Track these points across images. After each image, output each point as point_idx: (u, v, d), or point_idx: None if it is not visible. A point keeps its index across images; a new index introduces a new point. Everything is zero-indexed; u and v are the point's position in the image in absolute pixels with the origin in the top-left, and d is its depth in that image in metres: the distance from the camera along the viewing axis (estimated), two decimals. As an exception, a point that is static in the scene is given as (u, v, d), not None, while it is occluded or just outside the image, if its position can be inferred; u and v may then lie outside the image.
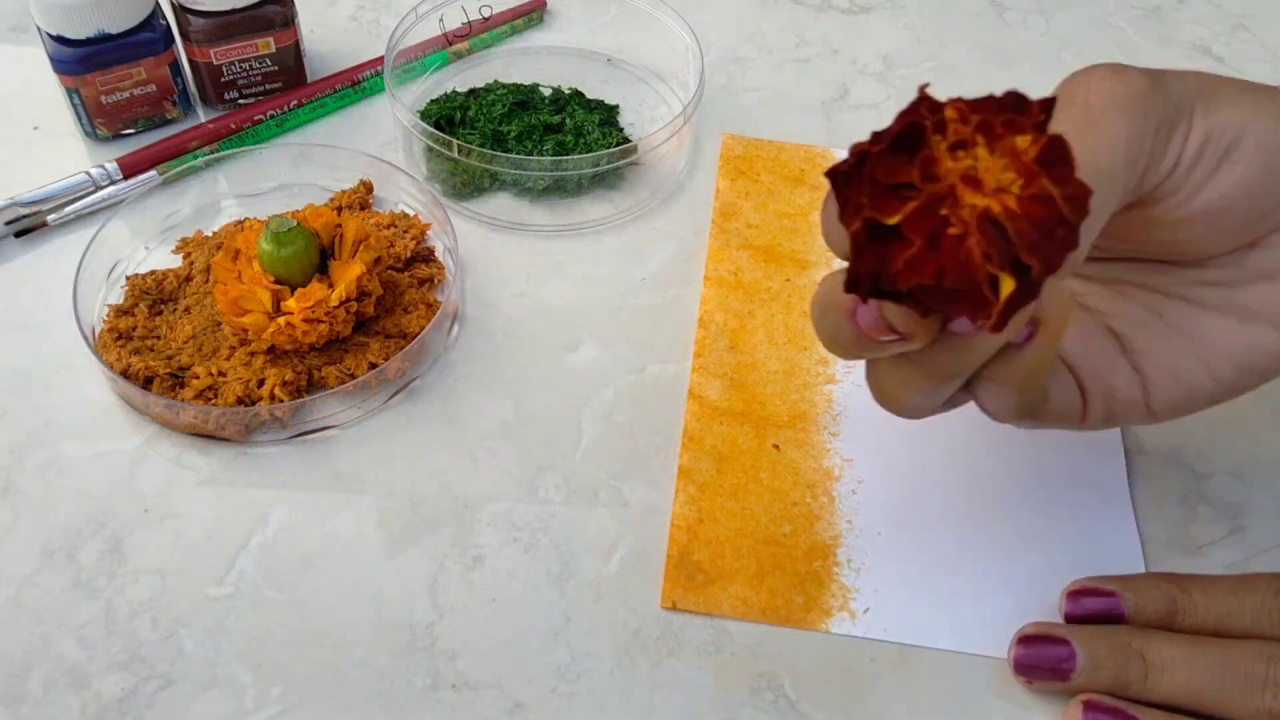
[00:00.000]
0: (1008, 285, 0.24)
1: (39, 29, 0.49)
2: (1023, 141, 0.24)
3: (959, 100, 0.25)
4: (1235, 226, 0.32)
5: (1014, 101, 0.24)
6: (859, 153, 0.25)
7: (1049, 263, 0.24)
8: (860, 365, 0.43)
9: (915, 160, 0.24)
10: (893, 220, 0.24)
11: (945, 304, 0.25)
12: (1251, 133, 0.31)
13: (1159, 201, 0.31)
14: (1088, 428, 0.35)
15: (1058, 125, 0.29)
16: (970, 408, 0.34)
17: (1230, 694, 0.33)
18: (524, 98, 0.54)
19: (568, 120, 0.52)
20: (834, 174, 0.25)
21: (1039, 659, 0.35)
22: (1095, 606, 0.36)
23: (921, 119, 0.25)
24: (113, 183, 0.50)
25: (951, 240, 0.24)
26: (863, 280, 0.25)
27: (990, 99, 0.25)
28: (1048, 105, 0.25)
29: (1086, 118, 0.30)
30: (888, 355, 0.30)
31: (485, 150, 0.48)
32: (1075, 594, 0.36)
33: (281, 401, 0.41)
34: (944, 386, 0.31)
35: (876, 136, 0.25)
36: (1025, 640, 0.35)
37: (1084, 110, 0.30)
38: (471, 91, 0.54)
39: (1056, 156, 0.24)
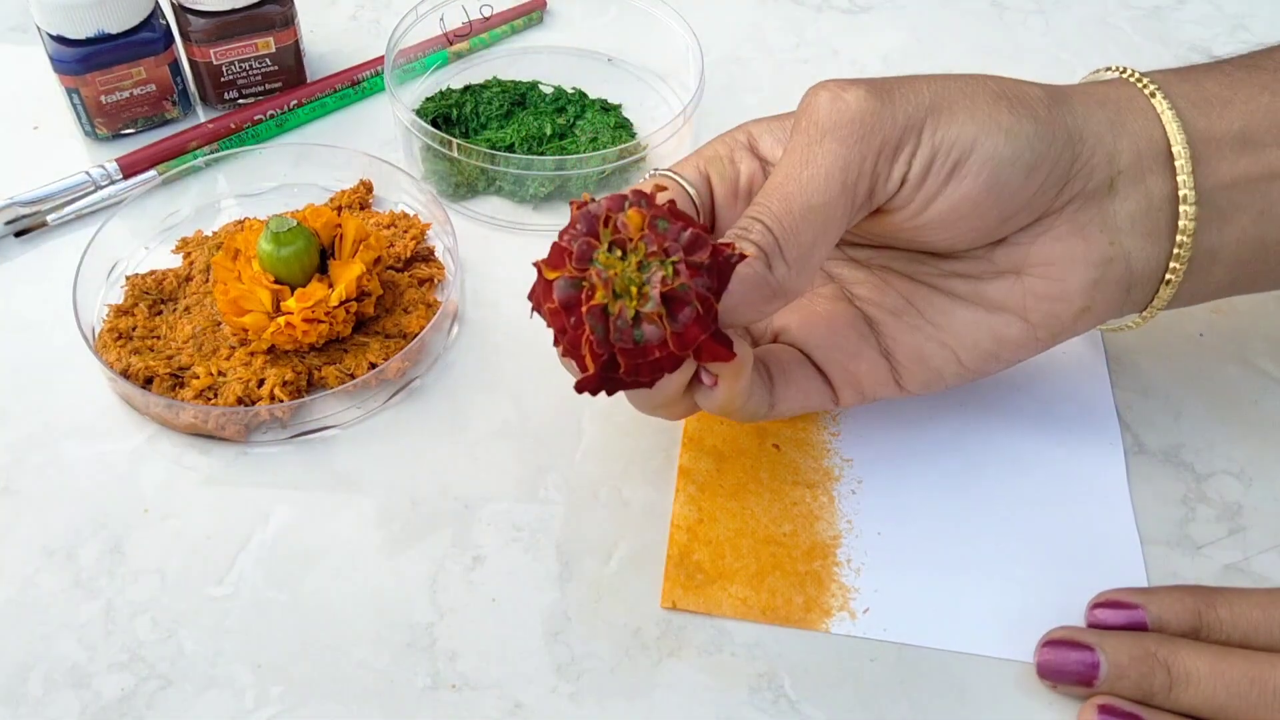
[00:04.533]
0: (590, 367, 0.30)
1: (39, 29, 0.49)
2: (666, 274, 0.29)
3: (658, 210, 0.30)
4: (971, 231, 0.35)
5: (691, 240, 0.29)
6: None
7: (638, 374, 0.30)
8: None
9: (582, 238, 0.29)
10: (550, 275, 0.30)
11: (570, 347, 0.30)
12: (979, 149, 0.33)
13: (893, 212, 0.35)
14: (845, 406, 0.39)
15: (789, 148, 0.33)
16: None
17: (1256, 710, 0.32)
18: (520, 95, 0.54)
19: (583, 124, 0.52)
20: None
21: (1063, 664, 0.35)
22: (1118, 620, 0.35)
23: (611, 210, 0.30)
24: (112, 182, 0.50)
25: (579, 315, 0.29)
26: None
27: (676, 227, 0.29)
28: (723, 262, 0.30)
29: (804, 151, 0.33)
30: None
31: (486, 150, 0.48)
32: (1098, 606, 0.36)
33: (281, 401, 0.41)
34: (657, 411, 0.36)
35: (578, 206, 0.30)
36: (1050, 644, 0.35)
37: (804, 140, 0.33)
38: (467, 88, 0.54)
39: (681, 309, 0.29)
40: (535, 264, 0.30)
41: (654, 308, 0.29)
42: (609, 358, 0.30)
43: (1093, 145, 0.35)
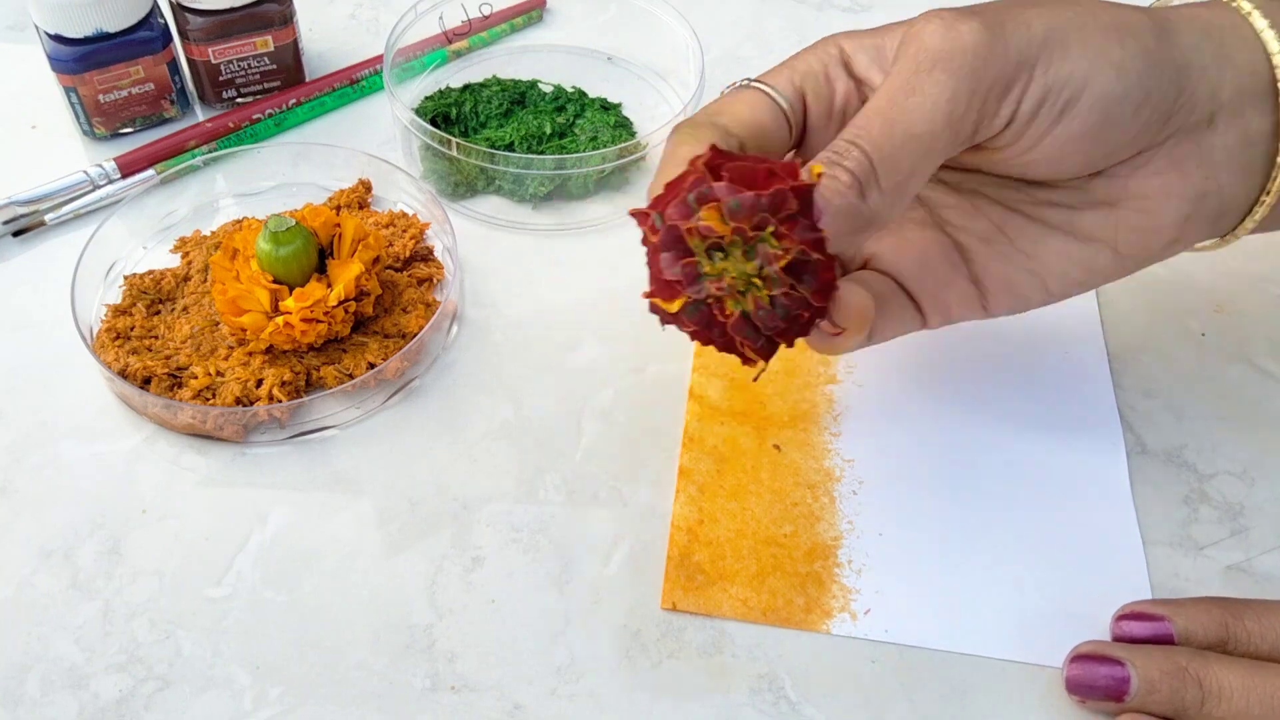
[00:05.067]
0: (755, 359, 0.31)
1: (37, 27, 0.49)
2: (774, 249, 0.29)
3: (723, 192, 0.29)
4: (1075, 167, 0.34)
5: (771, 202, 0.29)
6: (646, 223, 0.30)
7: (799, 335, 0.30)
8: (862, 365, 0.44)
9: (680, 262, 0.29)
10: (672, 308, 0.30)
11: (725, 349, 0.31)
12: (1092, 86, 0.32)
13: (1000, 150, 0.34)
14: (932, 329, 0.39)
15: (894, 73, 0.32)
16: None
17: None
18: (520, 94, 0.53)
19: (582, 123, 0.52)
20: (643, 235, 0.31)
21: (1093, 679, 0.34)
22: (1144, 632, 0.35)
23: (684, 220, 0.29)
24: (110, 182, 0.50)
25: (719, 325, 0.30)
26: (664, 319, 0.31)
27: (749, 198, 0.28)
28: (803, 194, 0.29)
29: (910, 78, 0.31)
30: None
31: (486, 149, 0.48)
32: (1123, 618, 0.36)
33: (280, 402, 0.41)
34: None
35: (652, 228, 0.30)
36: (1079, 659, 0.35)
37: (911, 67, 0.31)
38: (466, 87, 0.54)
39: (805, 268, 0.29)
40: (650, 303, 0.30)
41: (782, 286, 0.29)
42: (765, 342, 0.30)
43: (1197, 79, 0.34)
